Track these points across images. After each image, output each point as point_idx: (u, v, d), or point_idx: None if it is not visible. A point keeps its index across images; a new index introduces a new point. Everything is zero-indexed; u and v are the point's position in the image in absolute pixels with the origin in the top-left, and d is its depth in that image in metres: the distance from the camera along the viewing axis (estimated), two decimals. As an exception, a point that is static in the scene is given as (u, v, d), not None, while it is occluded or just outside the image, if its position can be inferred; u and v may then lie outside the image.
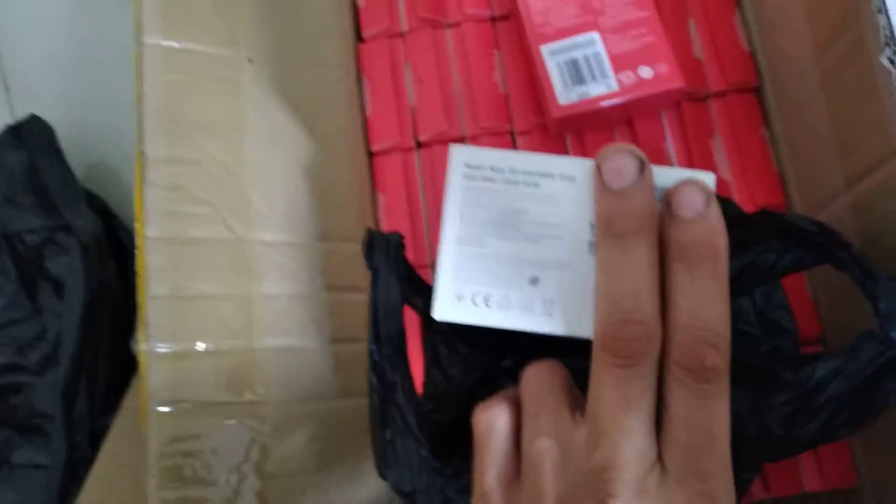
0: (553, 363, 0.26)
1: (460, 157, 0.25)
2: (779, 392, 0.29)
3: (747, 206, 0.41)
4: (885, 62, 0.31)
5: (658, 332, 0.23)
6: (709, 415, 0.22)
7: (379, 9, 0.46)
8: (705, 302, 0.23)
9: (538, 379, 0.26)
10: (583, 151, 0.43)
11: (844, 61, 0.34)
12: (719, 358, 0.22)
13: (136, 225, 0.35)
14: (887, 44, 0.31)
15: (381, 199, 0.44)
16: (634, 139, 0.43)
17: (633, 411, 0.22)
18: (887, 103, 0.31)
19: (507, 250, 0.25)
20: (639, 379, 0.22)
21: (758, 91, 0.44)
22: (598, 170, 0.24)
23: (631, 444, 0.22)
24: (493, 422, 0.26)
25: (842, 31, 0.34)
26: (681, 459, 0.22)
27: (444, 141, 0.45)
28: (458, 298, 0.25)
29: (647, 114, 0.43)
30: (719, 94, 0.44)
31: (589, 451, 0.23)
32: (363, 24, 0.47)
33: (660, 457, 0.22)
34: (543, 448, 0.24)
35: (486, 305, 0.25)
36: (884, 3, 0.31)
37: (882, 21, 0.31)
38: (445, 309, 0.25)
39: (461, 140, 0.45)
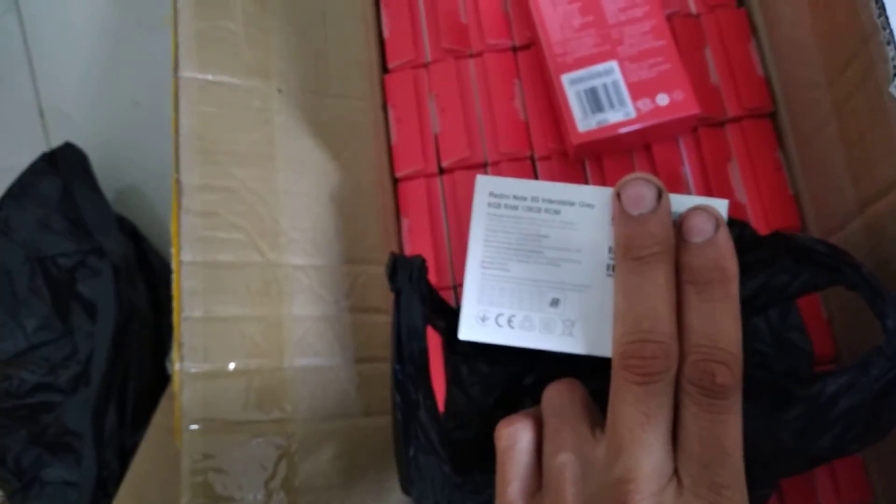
0: (573, 381, 0.27)
1: (485, 186, 0.27)
2: (791, 408, 0.30)
3: (763, 229, 0.42)
4: (895, 91, 0.32)
5: (675, 350, 0.24)
6: (722, 430, 0.23)
7: (404, 40, 0.48)
8: (716, 322, 0.24)
9: (559, 396, 0.27)
10: (601, 176, 0.45)
11: (855, 89, 0.35)
12: (730, 375, 0.23)
13: (172, 250, 0.37)
14: (894, 71, 0.32)
15: (405, 222, 0.46)
16: (652, 164, 0.44)
17: (652, 427, 0.23)
18: (889, 128, 0.32)
19: (529, 273, 0.26)
20: (657, 396, 0.23)
21: (773, 116, 0.45)
22: (618, 197, 0.26)
23: (649, 458, 0.23)
24: (515, 437, 0.27)
25: (852, 61, 0.35)
26: (696, 473, 0.23)
27: (467, 167, 0.46)
28: (483, 320, 0.26)
29: (664, 139, 0.44)
30: (735, 120, 0.45)
31: (608, 465, 0.24)
32: (389, 55, 0.48)
33: (676, 471, 0.23)
34: (564, 462, 0.25)
35: (510, 326, 0.26)
36: (892, 35, 0.32)
37: (891, 52, 0.32)
38: (470, 329, 0.27)
39: (483, 166, 0.46)
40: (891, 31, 0.32)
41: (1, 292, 0.61)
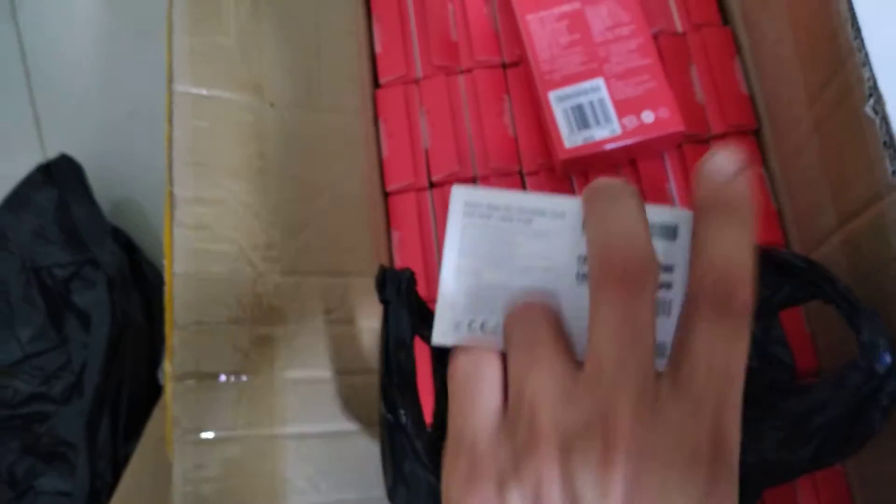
0: (542, 305, 0.25)
1: (460, 195, 0.27)
2: (773, 420, 0.31)
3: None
4: (869, 112, 0.33)
5: (656, 266, 0.22)
6: (735, 354, 0.22)
7: (395, 56, 0.49)
8: (736, 246, 0.22)
9: (527, 323, 0.24)
10: (588, 191, 0.45)
11: (834, 108, 0.36)
12: (749, 294, 0.22)
13: (165, 261, 0.37)
14: (871, 94, 0.33)
15: (396, 235, 0.46)
16: (638, 179, 0.45)
17: (638, 344, 0.22)
18: (872, 149, 0.33)
19: (501, 281, 0.26)
20: (642, 309, 0.22)
21: (757, 133, 0.46)
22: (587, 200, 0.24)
23: (637, 377, 0.21)
24: (477, 366, 0.25)
25: (831, 81, 0.36)
26: (697, 393, 0.21)
27: (457, 181, 0.47)
28: (456, 326, 0.27)
29: (650, 155, 0.45)
30: (720, 137, 0.46)
31: (592, 389, 0.22)
32: (381, 70, 0.49)
33: (673, 390, 0.22)
34: (540, 387, 0.22)
35: (482, 331, 0.27)
36: (867, 57, 0.33)
37: (866, 74, 0.33)
38: (443, 335, 0.27)
39: (472, 180, 0.47)
40: (866, 54, 0.33)
41: (-4, 302, 0.62)
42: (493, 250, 0.27)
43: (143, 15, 0.73)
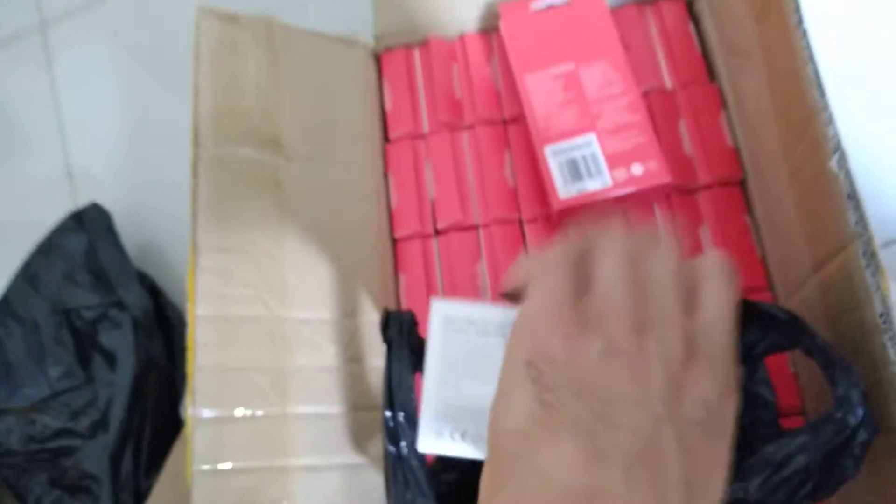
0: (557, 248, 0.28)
1: (440, 311, 0.30)
2: (756, 462, 0.33)
3: (733, 289, 0.45)
4: (834, 166, 0.35)
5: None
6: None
7: (404, 113, 0.53)
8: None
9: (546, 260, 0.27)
10: (583, 238, 0.48)
11: (805, 162, 0.39)
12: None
13: (188, 305, 0.41)
14: (835, 150, 0.36)
15: (403, 279, 0.49)
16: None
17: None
18: (838, 201, 0.35)
19: (480, 393, 0.28)
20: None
21: (742, 183, 0.49)
22: None
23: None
24: (551, 261, 0.27)
25: (803, 136, 0.39)
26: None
27: (460, 229, 0.50)
28: (438, 434, 0.29)
29: (640, 205, 0.48)
30: (707, 187, 0.48)
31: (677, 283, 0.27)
32: (390, 126, 0.53)
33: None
34: (621, 274, 0.26)
35: (462, 440, 0.29)
36: (832, 116, 0.36)
37: (831, 131, 0.36)
38: (428, 444, 0.29)
39: (475, 228, 0.50)
40: (830, 114, 0.36)
41: (28, 342, 0.65)
42: (472, 363, 0.29)
43: (174, 73, 0.78)
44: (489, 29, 0.54)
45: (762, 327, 0.34)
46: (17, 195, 0.78)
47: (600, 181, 0.46)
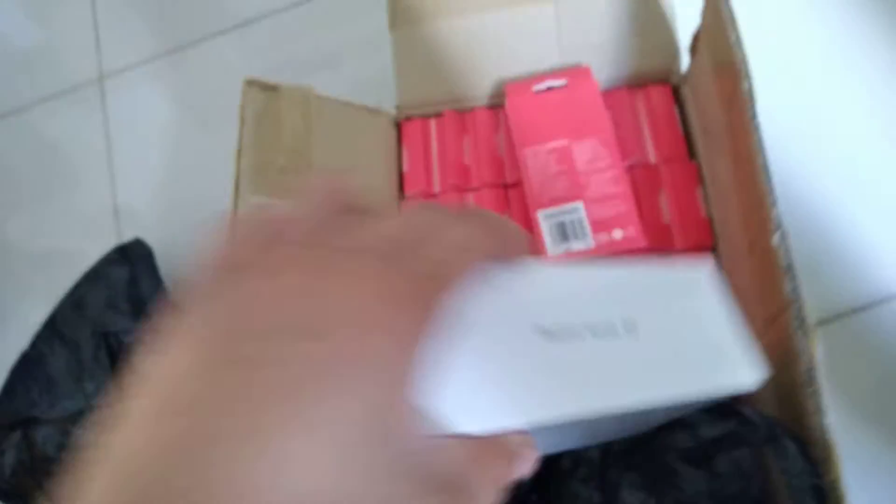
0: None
1: None
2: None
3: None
4: (775, 242, 0.42)
5: None
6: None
7: (419, 175, 0.60)
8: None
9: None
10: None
11: (758, 235, 0.45)
12: None
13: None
14: (776, 229, 0.42)
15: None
16: (611, 285, 0.54)
17: None
18: (779, 271, 0.42)
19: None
20: None
21: (713, 250, 0.55)
22: None
23: None
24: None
25: (755, 213, 0.45)
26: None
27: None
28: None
29: (622, 265, 0.54)
30: (681, 252, 0.55)
31: None
32: (406, 185, 0.60)
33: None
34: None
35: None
36: (775, 200, 0.42)
37: (773, 213, 0.42)
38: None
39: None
40: (774, 198, 0.43)
41: (69, 359, 0.72)
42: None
43: (212, 120, 0.86)
44: (497, 105, 0.61)
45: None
46: (66, 227, 0.85)
47: (584, 243, 0.52)
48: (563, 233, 0.52)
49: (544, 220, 0.53)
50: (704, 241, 0.55)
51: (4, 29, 0.98)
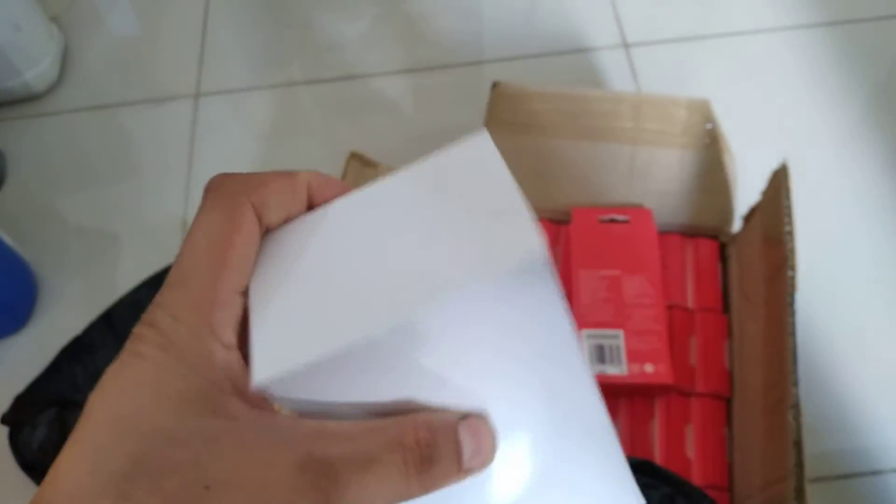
0: None
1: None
2: None
3: (700, 481, 0.57)
4: (790, 417, 0.47)
5: None
6: None
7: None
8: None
9: None
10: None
11: (775, 405, 0.51)
12: None
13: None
14: (793, 406, 0.48)
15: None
16: (631, 411, 0.60)
17: None
18: (787, 443, 0.47)
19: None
20: None
21: (728, 400, 0.61)
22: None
23: None
24: None
25: (776, 386, 0.51)
26: None
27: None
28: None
29: (644, 395, 0.60)
30: (700, 395, 0.60)
31: None
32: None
33: None
34: None
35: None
36: (797, 380, 0.48)
37: (793, 391, 0.48)
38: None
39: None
40: (796, 378, 0.48)
41: (117, 355, 0.77)
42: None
43: (286, 152, 0.92)
44: (559, 221, 0.67)
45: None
46: (129, 223, 0.91)
47: (618, 369, 0.58)
48: (602, 355, 0.58)
49: (585, 339, 0.59)
50: (722, 390, 0.60)
51: (114, 26, 1.05)
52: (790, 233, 0.52)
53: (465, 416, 0.22)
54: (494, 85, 0.67)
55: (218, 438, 0.19)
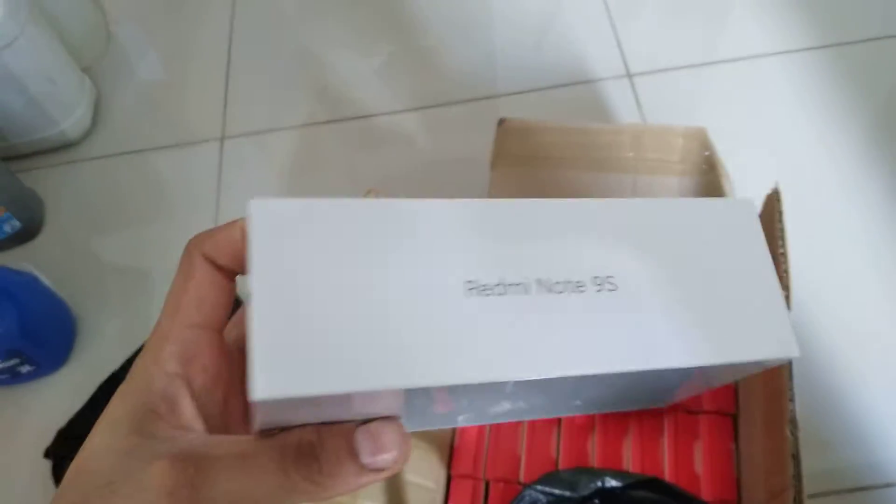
0: None
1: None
2: None
3: (709, 496, 0.59)
4: (788, 433, 0.50)
5: None
6: None
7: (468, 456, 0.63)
8: None
9: None
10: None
11: (775, 418, 0.53)
12: None
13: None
14: (790, 420, 0.50)
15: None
16: (640, 430, 0.62)
17: None
18: (786, 457, 0.49)
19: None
20: None
21: (734, 417, 0.63)
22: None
23: None
24: None
25: (775, 401, 0.53)
26: None
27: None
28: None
29: (653, 414, 0.62)
30: (706, 413, 0.62)
31: None
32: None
33: None
34: None
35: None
36: (794, 394, 0.50)
37: (790, 406, 0.50)
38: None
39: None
40: (793, 394, 0.51)
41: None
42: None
43: (306, 190, 0.96)
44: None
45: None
46: (168, 269, 0.95)
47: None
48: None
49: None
50: (728, 408, 0.63)
51: (143, 75, 1.11)
52: (784, 254, 0.55)
53: (366, 422, 0.23)
54: (500, 122, 0.70)
55: (131, 452, 0.22)
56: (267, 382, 0.19)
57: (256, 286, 0.20)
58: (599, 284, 0.21)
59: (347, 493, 0.22)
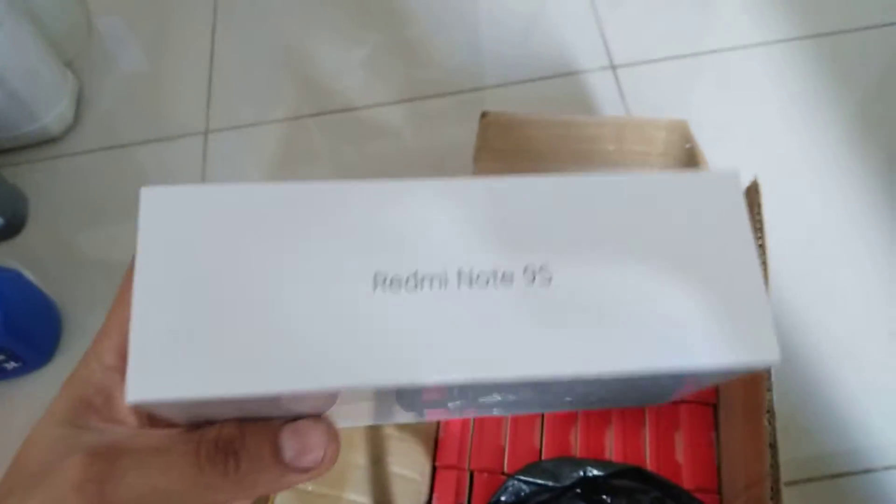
0: None
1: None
2: None
3: (690, 484, 0.60)
4: (766, 423, 0.50)
5: None
6: None
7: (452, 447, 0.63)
8: None
9: None
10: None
11: (754, 408, 0.54)
12: None
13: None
14: (768, 410, 0.50)
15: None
16: (622, 420, 0.63)
17: None
18: (762, 446, 0.50)
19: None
20: None
21: (714, 406, 0.63)
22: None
23: None
24: None
25: (753, 391, 0.54)
26: None
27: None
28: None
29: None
30: (688, 402, 0.63)
31: None
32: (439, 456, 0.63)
33: None
34: None
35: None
36: (772, 384, 0.51)
37: (768, 396, 0.51)
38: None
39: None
40: (770, 384, 0.51)
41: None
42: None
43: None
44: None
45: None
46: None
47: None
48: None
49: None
50: (709, 398, 0.63)
51: (125, 69, 1.10)
52: (762, 246, 0.55)
53: (293, 421, 0.22)
54: (483, 115, 0.70)
55: (60, 443, 0.22)
56: (140, 384, 0.18)
57: (138, 281, 0.19)
58: (532, 277, 0.18)
59: (273, 493, 0.22)
